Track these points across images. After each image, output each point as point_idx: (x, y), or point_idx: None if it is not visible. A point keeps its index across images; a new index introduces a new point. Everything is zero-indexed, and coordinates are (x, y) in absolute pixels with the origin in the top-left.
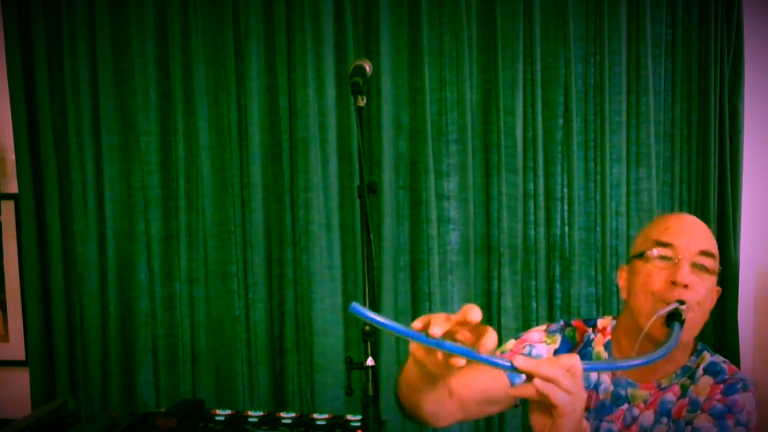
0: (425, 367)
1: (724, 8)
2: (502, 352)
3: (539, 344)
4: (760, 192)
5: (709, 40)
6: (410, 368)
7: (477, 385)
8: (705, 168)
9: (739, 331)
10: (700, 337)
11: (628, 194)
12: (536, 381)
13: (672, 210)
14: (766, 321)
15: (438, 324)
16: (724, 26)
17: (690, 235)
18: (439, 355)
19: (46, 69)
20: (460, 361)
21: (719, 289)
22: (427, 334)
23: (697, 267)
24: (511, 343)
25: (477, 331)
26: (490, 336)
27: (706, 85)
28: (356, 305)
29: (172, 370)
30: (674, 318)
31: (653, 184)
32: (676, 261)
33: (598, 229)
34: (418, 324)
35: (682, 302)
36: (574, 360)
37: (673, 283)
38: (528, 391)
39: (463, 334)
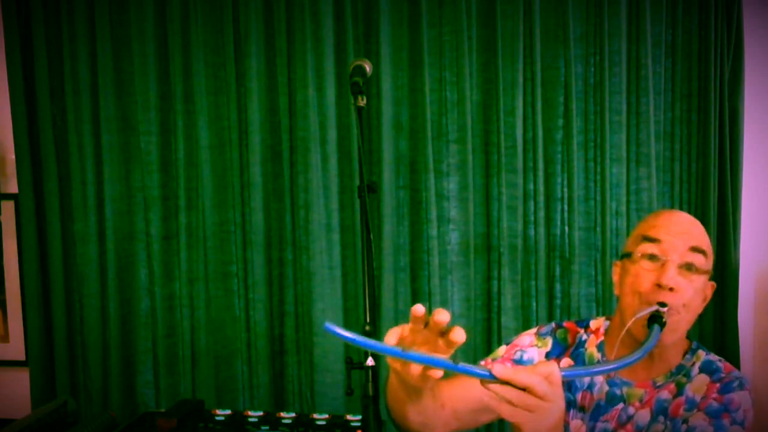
0: (405, 380)
1: (724, 8)
2: (494, 359)
3: (530, 348)
4: (760, 192)
5: (709, 40)
6: (392, 380)
7: (470, 394)
8: (705, 168)
9: (739, 331)
10: (700, 338)
11: (628, 194)
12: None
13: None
14: (766, 321)
15: (395, 332)
16: (724, 26)
17: (679, 234)
18: (414, 368)
19: (46, 69)
20: (438, 373)
21: (713, 284)
22: (403, 348)
23: (684, 267)
24: (502, 350)
25: (447, 335)
26: (457, 331)
27: (706, 85)
28: (330, 325)
29: (172, 370)
30: (655, 320)
31: (653, 184)
32: (663, 262)
33: (598, 229)
34: (391, 338)
35: (663, 305)
36: (552, 367)
37: (659, 285)
38: (494, 402)
39: (434, 343)
